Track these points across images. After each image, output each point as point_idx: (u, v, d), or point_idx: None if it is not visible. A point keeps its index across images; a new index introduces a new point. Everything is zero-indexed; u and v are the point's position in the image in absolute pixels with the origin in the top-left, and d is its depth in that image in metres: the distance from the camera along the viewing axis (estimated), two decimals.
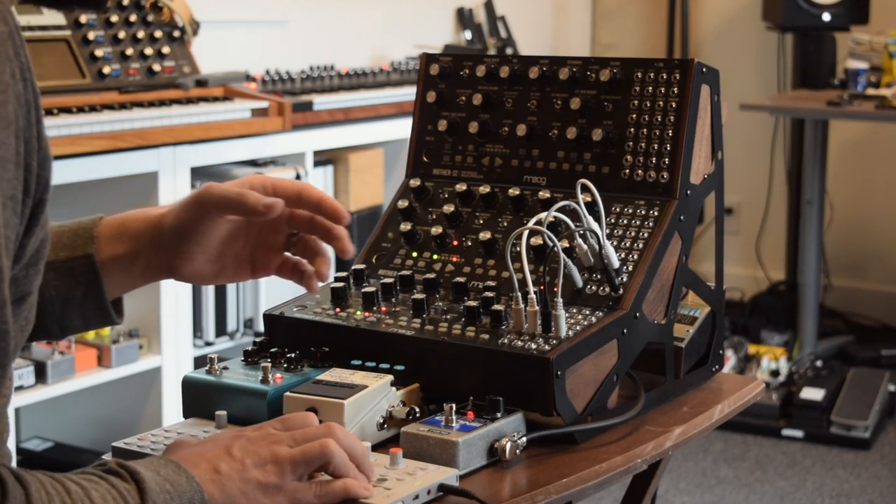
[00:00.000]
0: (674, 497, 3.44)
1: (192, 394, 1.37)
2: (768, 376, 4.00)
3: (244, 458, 1.11)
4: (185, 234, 1.32)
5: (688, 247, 1.47)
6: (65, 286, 1.31)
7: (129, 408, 3.08)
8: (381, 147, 3.69)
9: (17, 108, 0.96)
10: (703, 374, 1.53)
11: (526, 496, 1.20)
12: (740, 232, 5.15)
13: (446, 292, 1.46)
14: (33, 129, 0.99)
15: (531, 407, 1.31)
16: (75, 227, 1.32)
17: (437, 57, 1.63)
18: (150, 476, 1.05)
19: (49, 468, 1.06)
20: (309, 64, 3.73)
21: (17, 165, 0.97)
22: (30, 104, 0.99)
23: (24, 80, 0.98)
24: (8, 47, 0.95)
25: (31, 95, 0.99)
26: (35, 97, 1.00)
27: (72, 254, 1.30)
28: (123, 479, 1.04)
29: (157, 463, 1.08)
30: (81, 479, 1.03)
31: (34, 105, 1.00)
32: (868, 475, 3.57)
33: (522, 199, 1.52)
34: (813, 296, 4.30)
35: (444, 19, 4.61)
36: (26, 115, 0.98)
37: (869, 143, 4.96)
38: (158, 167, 2.92)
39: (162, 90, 3.14)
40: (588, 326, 1.34)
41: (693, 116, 1.47)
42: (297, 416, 1.19)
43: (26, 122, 0.98)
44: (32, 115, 0.99)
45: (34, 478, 1.00)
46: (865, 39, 4.38)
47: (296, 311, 1.47)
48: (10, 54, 0.95)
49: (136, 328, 3.00)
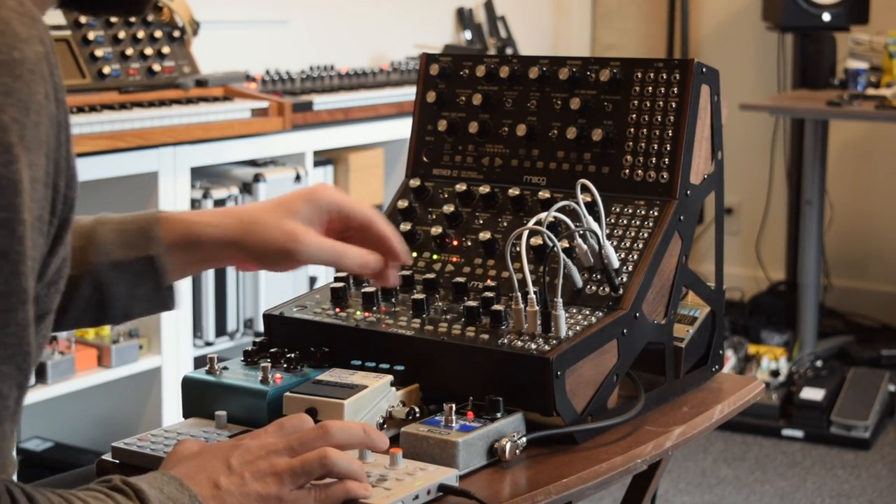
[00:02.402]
0: (674, 497, 3.44)
1: (192, 394, 1.37)
2: (768, 376, 4.00)
3: (243, 471, 1.11)
4: (265, 260, 1.34)
5: (688, 247, 1.47)
6: (128, 283, 1.33)
7: (129, 408, 3.08)
8: (381, 147, 3.68)
9: (49, 128, 0.97)
10: (703, 374, 1.53)
11: (526, 496, 1.20)
12: (740, 232, 5.15)
13: (446, 292, 1.46)
14: (62, 150, 1.00)
15: (531, 407, 1.31)
16: (136, 227, 1.33)
17: (437, 57, 1.63)
18: (154, 494, 1.06)
19: (49, 468, 1.07)
20: (309, 64, 3.73)
21: (45, 186, 0.98)
22: (60, 124, 1.00)
23: (57, 101, 0.99)
24: (43, 67, 0.96)
25: (62, 115, 1.00)
26: (65, 117, 1.01)
27: (136, 254, 1.32)
28: (128, 497, 1.05)
29: (161, 480, 1.09)
30: (88, 496, 1.04)
31: (64, 125, 1.00)
32: (868, 475, 3.57)
33: (522, 199, 1.52)
34: (813, 296, 4.30)
35: (444, 19, 4.61)
36: (56, 136, 0.99)
37: (869, 143, 4.96)
38: (158, 167, 2.92)
39: (162, 90, 3.14)
40: (588, 326, 1.34)
41: (693, 116, 1.47)
42: (293, 419, 1.19)
43: (56, 143, 0.99)
44: (62, 135, 1.00)
45: (43, 496, 1.00)
46: (865, 39, 4.38)
47: (296, 311, 1.47)
48: (45, 74, 0.96)
49: (136, 328, 3.00)
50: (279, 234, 1.31)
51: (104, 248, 1.32)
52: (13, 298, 0.95)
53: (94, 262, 1.32)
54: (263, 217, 1.33)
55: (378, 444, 1.17)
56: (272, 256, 1.32)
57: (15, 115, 0.93)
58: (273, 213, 1.33)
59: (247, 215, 1.33)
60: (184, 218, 1.34)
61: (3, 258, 0.94)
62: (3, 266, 0.94)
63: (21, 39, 0.94)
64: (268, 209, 1.34)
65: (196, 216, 1.35)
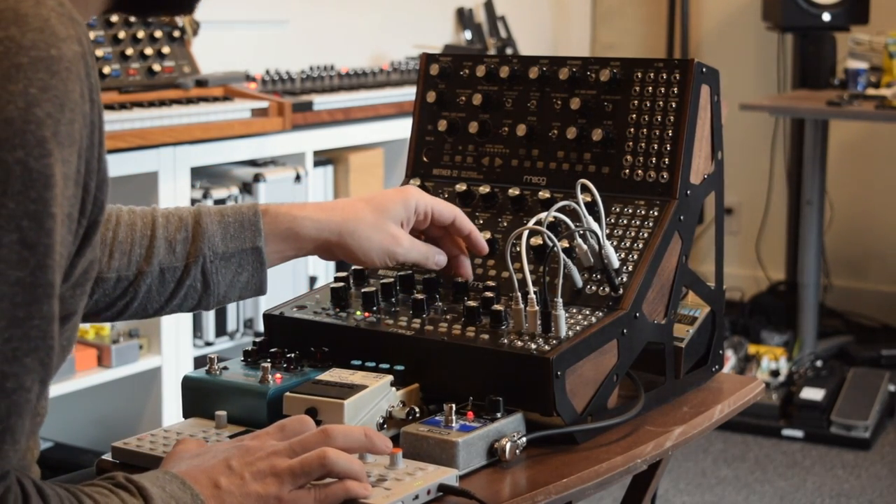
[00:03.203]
0: (674, 497, 3.44)
1: (192, 394, 1.37)
2: (768, 376, 4.00)
3: (243, 471, 1.11)
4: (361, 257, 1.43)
5: (688, 247, 1.47)
6: (231, 273, 1.41)
7: (129, 408, 3.08)
8: (381, 147, 3.68)
9: (82, 127, 0.99)
10: (703, 374, 1.53)
11: (526, 496, 1.20)
12: (740, 232, 5.15)
13: (446, 292, 1.46)
14: (95, 150, 1.02)
15: (531, 407, 1.31)
16: (241, 218, 1.41)
17: (437, 57, 1.63)
18: (156, 492, 1.06)
19: (49, 468, 1.07)
20: (309, 64, 3.73)
21: (76, 184, 0.99)
22: (94, 125, 1.01)
23: (92, 101, 1.00)
24: (80, 67, 0.97)
25: (96, 117, 1.01)
26: (100, 119, 1.02)
27: (241, 245, 1.40)
28: (132, 494, 1.06)
29: (163, 479, 1.09)
30: (94, 492, 1.05)
31: (98, 127, 1.02)
32: (868, 475, 3.57)
33: (522, 199, 1.52)
34: (813, 296, 4.30)
35: (444, 19, 4.61)
36: (90, 136, 1.00)
37: (869, 143, 4.96)
38: (158, 167, 2.92)
39: (162, 90, 3.14)
40: (588, 326, 1.34)
41: (693, 116, 1.47)
42: (294, 421, 1.19)
43: (89, 143, 1.00)
44: (96, 136, 1.02)
45: (54, 491, 1.01)
46: (865, 39, 4.38)
47: (296, 311, 1.47)
48: (81, 74, 0.98)
49: (136, 328, 3.00)
50: (383, 235, 1.42)
51: (210, 240, 1.39)
52: (38, 291, 0.96)
53: (200, 252, 1.39)
54: (366, 217, 1.42)
55: (380, 448, 1.17)
56: (372, 255, 1.42)
57: (50, 110, 0.95)
58: (374, 214, 1.42)
59: (350, 213, 1.42)
60: (287, 211, 1.42)
61: (30, 250, 0.94)
62: (29, 258, 0.95)
63: (59, 38, 0.96)
64: (368, 209, 1.43)
65: (298, 209, 1.43)
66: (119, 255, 1.37)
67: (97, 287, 1.36)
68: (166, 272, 1.39)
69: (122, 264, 1.37)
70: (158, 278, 1.39)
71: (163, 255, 1.38)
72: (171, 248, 1.39)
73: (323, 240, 1.42)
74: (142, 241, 1.38)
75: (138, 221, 1.40)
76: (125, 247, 1.38)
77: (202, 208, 1.42)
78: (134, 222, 1.39)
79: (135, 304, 1.39)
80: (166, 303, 1.41)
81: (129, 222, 1.39)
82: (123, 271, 1.37)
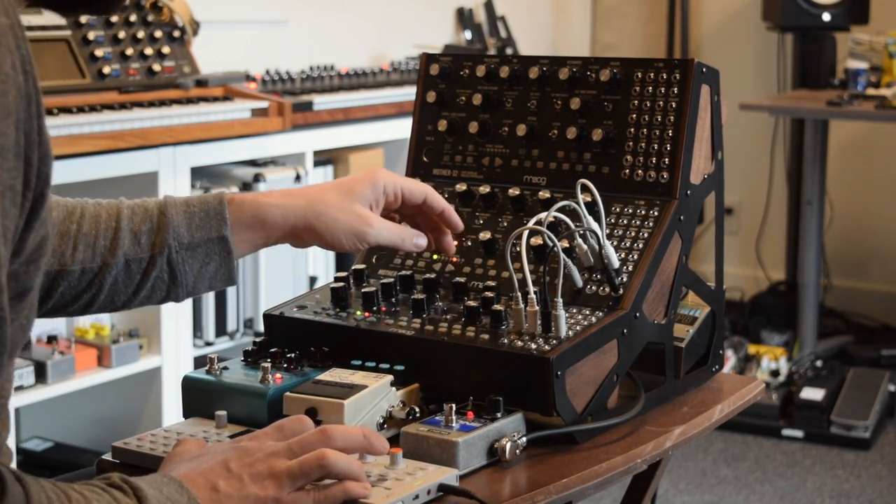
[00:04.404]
0: (674, 497, 3.44)
1: (192, 394, 1.37)
2: (768, 376, 4.00)
3: (242, 473, 1.11)
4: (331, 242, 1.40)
5: (688, 247, 1.47)
6: (199, 263, 1.39)
7: (129, 408, 3.08)
8: (381, 147, 3.68)
9: (17, 99, 0.97)
10: (703, 374, 1.53)
11: (526, 496, 1.20)
12: (740, 232, 5.15)
13: (446, 292, 1.46)
14: (34, 123, 0.99)
15: (531, 407, 1.31)
16: (206, 208, 1.39)
17: (437, 57, 1.63)
18: (152, 494, 1.06)
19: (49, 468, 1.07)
20: (309, 64, 3.73)
21: (17, 156, 0.97)
22: (31, 97, 0.99)
23: (25, 73, 0.98)
24: (9, 39, 0.96)
25: (31, 89, 0.99)
26: (36, 91, 1.00)
27: (207, 235, 1.38)
28: (126, 495, 1.05)
29: (161, 481, 1.09)
30: (84, 489, 1.04)
31: (35, 99, 1.00)
32: (868, 475, 3.57)
33: (522, 199, 1.52)
34: (813, 296, 4.30)
35: (444, 19, 4.61)
36: (27, 108, 0.98)
37: (869, 142, 4.96)
38: (158, 167, 2.92)
39: (162, 90, 3.14)
40: (588, 326, 1.34)
41: (693, 116, 1.47)
42: (292, 421, 1.18)
43: (27, 115, 0.98)
44: (33, 108, 0.99)
45: (35, 481, 1.00)
46: (865, 39, 4.38)
47: (296, 311, 1.47)
48: (10, 46, 0.96)
49: (136, 328, 3.00)
50: (350, 216, 1.39)
51: (176, 230, 1.37)
52: None
53: (166, 243, 1.37)
54: (332, 200, 1.39)
55: (378, 449, 1.17)
56: (341, 238, 1.39)
57: None
58: (341, 197, 1.40)
59: (316, 197, 1.40)
60: (253, 199, 1.40)
61: None
62: None
63: None
64: (335, 192, 1.40)
65: (264, 197, 1.41)
66: (83, 247, 1.36)
67: (62, 280, 1.35)
68: (132, 264, 1.37)
69: (86, 256, 1.36)
70: (124, 270, 1.37)
71: (128, 247, 1.37)
72: (137, 239, 1.37)
73: (290, 226, 1.39)
74: (106, 233, 1.37)
75: (103, 213, 1.38)
76: (89, 239, 1.36)
77: (168, 199, 1.40)
78: (99, 214, 1.38)
79: (101, 297, 1.38)
80: (133, 295, 1.39)
81: (94, 214, 1.38)
82: (88, 263, 1.36)
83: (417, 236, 1.44)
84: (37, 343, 2.87)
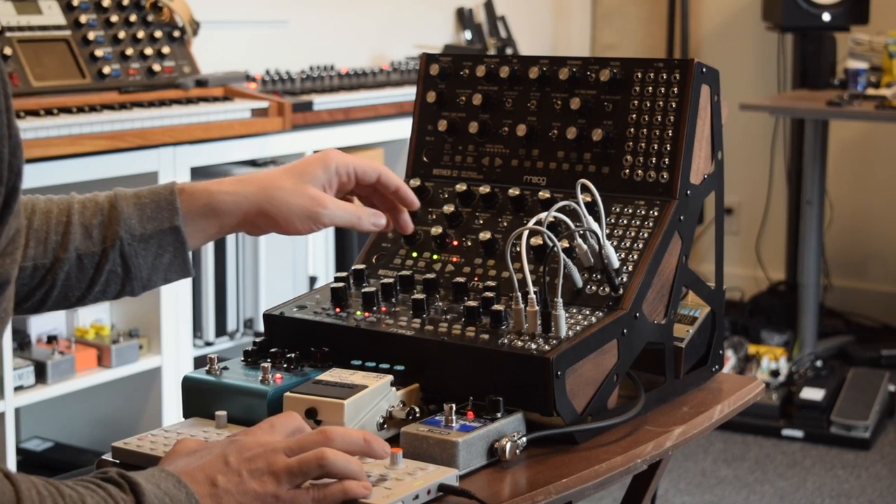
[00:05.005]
0: (674, 497, 3.44)
1: (192, 394, 1.37)
2: (768, 376, 4.00)
3: (241, 469, 1.11)
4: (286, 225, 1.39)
5: (688, 247, 1.47)
6: (153, 255, 1.37)
7: (129, 408, 3.08)
8: (381, 147, 3.68)
9: None
10: (703, 374, 1.53)
11: (526, 496, 1.20)
12: (740, 232, 5.15)
13: (446, 292, 1.46)
14: (3, 116, 0.99)
15: (531, 407, 1.31)
16: (157, 199, 1.37)
17: (437, 57, 1.63)
18: (150, 489, 1.06)
19: (49, 468, 1.07)
20: (309, 64, 3.74)
21: None
22: None
23: None
24: None
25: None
26: (3, 85, 0.99)
27: (159, 226, 1.37)
28: (122, 490, 1.05)
29: (158, 476, 1.08)
30: (78, 484, 1.04)
31: (3, 92, 0.99)
32: (868, 475, 3.57)
33: (522, 199, 1.52)
34: (813, 296, 4.30)
35: (444, 19, 4.61)
36: None
37: (869, 143, 4.96)
38: (158, 167, 2.92)
39: (162, 90, 3.14)
40: (588, 326, 1.34)
41: (693, 116, 1.47)
42: (282, 417, 1.18)
43: None
44: (1, 101, 0.99)
45: (26, 477, 1.00)
46: (865, 39, 4.38)
47: (296, 311, 1.47)
48: None
49: (136, 328, 3.00)
50: (303, 199, 1.38)
51: (127, 222, 1.36)
52: None
53: (117, 236, 1.36)
54: (284, 183, 1.38)
55: (378, 453, 1.17)
56: (295, 221, 1.38)
57: None
58: (292, 179, 1.39)
59: (267, 182, 1.39)
60: (204, 188, 1.39)
61: None
62: None
63: None
64: (286, 176, 1.39)
65: (215, 185, 1.39)
66: (35, 243, 1.35)
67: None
68: (84, 258, 1.36)
69: (38, 252, 1.35)
70: (76, 265, 1.36)
71: (79, 241, 1.36)
72: (88, 233, 1.36)
73: (243, 212, 1.38)
74: (57, 228, 1.36)
75: (54, 209, 1.37)
76: (41, 234, 1.35)
77: (119, 192, 1.39)
78: (50, 209, 1.37)
79: (55, 293, 1.36)
80: (87, 290, 1.37)
81: (45, 210, 1.37)
82: (40, 259, 1.35)
83: (375, 215, 1.43)
84: (37, 343, 2.87)
